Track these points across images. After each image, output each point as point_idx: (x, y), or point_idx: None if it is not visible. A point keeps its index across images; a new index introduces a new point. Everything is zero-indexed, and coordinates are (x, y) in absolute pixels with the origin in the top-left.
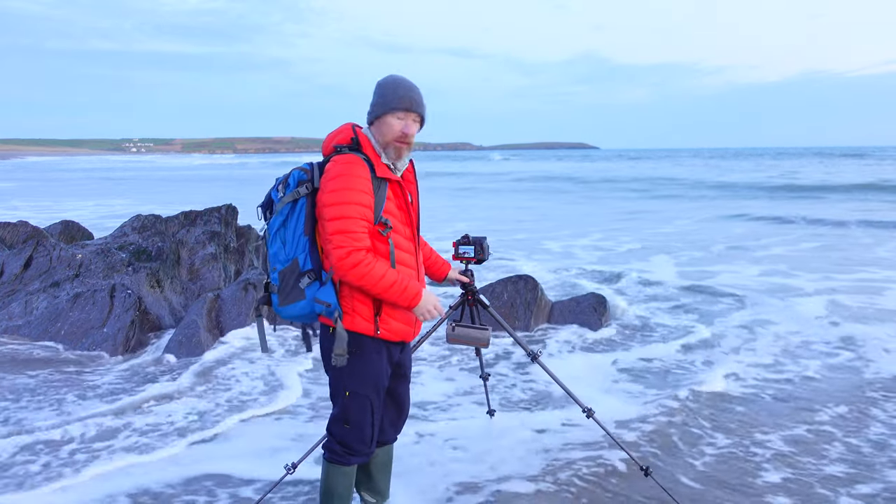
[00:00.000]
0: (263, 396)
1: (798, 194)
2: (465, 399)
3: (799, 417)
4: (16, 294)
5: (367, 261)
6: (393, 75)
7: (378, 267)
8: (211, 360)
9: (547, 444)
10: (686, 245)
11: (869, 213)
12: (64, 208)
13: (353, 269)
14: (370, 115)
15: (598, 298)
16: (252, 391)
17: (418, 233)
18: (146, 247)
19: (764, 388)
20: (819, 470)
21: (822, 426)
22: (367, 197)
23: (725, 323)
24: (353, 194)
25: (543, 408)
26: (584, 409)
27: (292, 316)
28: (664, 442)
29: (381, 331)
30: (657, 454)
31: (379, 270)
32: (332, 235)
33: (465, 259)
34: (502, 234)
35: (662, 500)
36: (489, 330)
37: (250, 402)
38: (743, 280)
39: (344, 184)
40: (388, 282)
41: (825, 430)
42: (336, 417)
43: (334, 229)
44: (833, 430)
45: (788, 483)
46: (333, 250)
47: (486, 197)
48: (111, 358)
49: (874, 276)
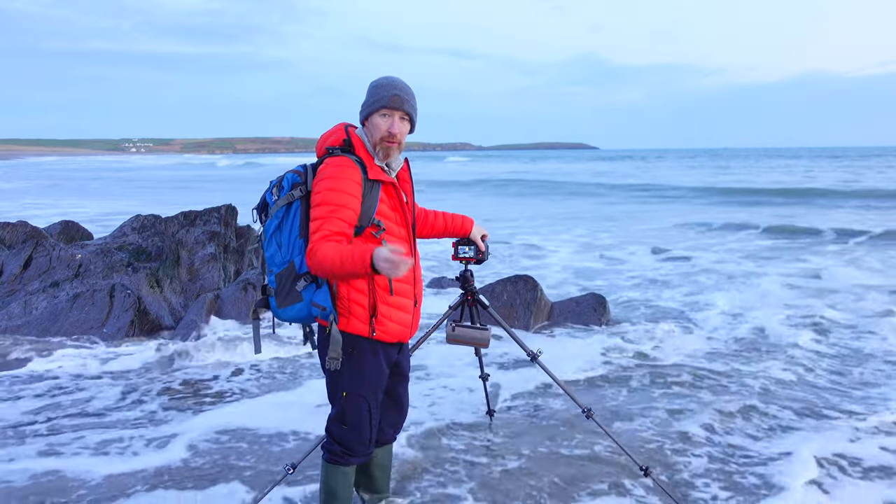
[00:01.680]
0: (263, 396)
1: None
2: (464, 399)
3: (804, 417)
4: (15, 294)
5: (316, 249)
6: (384, 76)
7: (325, 250)
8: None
9: (546, 444)
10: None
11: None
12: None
13: (311, 261)
14: (361, 116)
15: (598, 298)
16: (252, 391)
17: (414, 233)
18: (146, 247)
19: (764, 389)
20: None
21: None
22: (353, 199)
23: (725, 323)
24: (337, 195)
25: (543, 408)
26: (584, 409)
27: (290, 318)
28: (664, 442)
29: (376, 332)
30: (657, 454)
31: (328, 253)
32: (311, 235)
33: (464, 259)
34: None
35: (662, 499)
36: (489, 330)
37: (248, 400)
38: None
39: (331, 185)
40: (338, 259)
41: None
42: (334, 418)
43: (312, 229)
44: (844, 424)
45: (789, 482)
46: (308, 254)
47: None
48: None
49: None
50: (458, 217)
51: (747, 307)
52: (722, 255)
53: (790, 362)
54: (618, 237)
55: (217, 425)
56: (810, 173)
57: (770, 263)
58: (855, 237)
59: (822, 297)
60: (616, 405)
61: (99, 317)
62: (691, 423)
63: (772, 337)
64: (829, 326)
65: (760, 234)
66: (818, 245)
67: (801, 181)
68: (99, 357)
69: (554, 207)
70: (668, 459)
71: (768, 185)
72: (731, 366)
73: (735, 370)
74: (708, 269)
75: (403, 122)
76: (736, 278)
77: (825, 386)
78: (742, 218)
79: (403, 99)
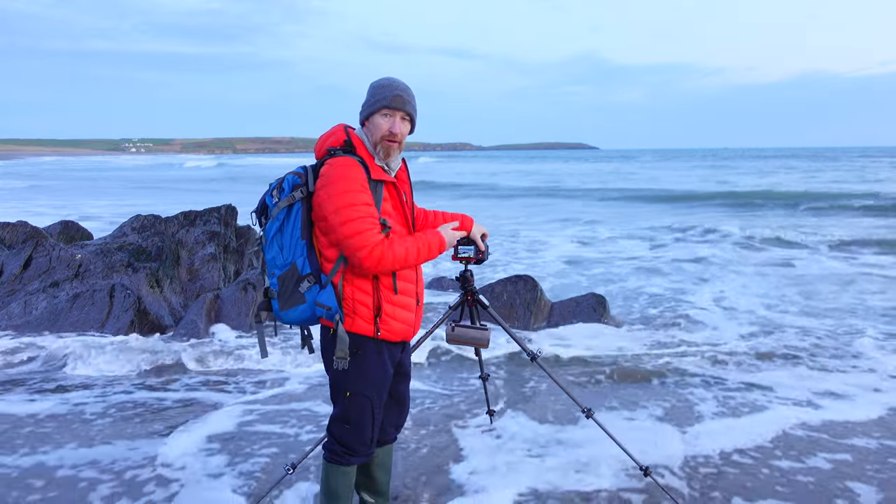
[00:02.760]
0: (262, 396)
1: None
2: (464, 399)
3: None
4: (15, 294)
5: (387, 250)
6: (385, 77)
7: (398, 247)
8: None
9: (546, 444)
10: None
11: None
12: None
13: (381, 263)
14: (361, 116)
15: (598, 298)
16: (252, 391)
17: (414, 231)
18: (146, 247)
19: (765, 391)
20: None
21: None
22: (368, 196)
23: (724, 324)
24: (356, 195)
25: (543, 408)
26: (584, 409)
27: (293, 320)
28: (664, 442)
29: (381, 332)
30: (657, 454)
31: (401, 250)
32: (349, 239)
33: (464, 259)
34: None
35: (662, 499)
36: (489, 330)
37: (248, 400)
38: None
39: (345, 186)
40: (414, 252)
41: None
42: (336, 418)
43: (349, 232)
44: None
45: (789, 481)
46: (356, 253)
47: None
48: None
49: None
50: (457, 216)
51: (746, 307)
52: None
53: (793, 363)
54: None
55: (217, 426)
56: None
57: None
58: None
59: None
60: (616, 405)
61: (99, 317)
62: (691, 423)
63: (773, 337)
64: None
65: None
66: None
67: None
68: (100, 363)
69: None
70: (668, 459)
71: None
72: (731, 366)
73: (735, 371)
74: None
75: (404, 122)
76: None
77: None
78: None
79: (405, 99)
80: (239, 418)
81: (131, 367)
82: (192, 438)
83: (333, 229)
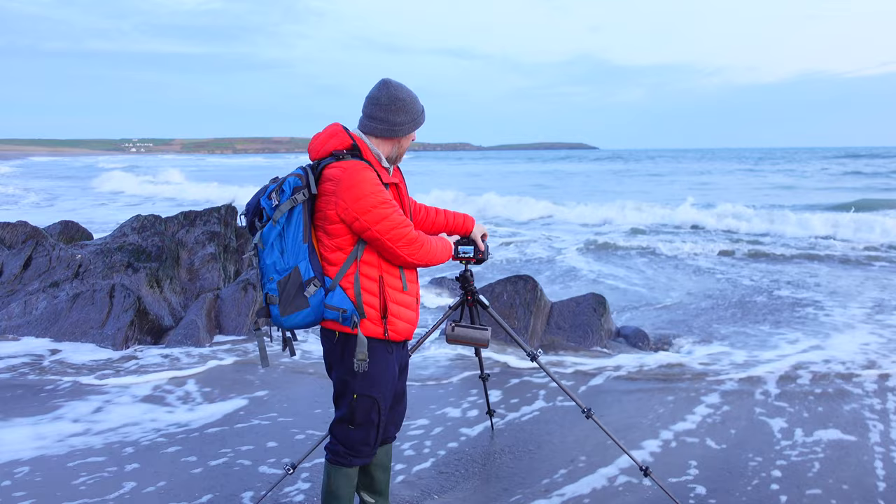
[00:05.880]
0: (262, 396)
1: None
2: (464, 399)
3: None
4: (15, 294)
5: (424, 242)
6: (402, 88)
7: (426, 242)
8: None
9: (547, 444)
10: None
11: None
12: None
13: (422, 254)
14: (401, 132)
15: (598, 298)
16: (252, 391)
17: None
18: (146, 247)
19: (765, 392)
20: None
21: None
22: (391, 195)
23: (723, 324)
24: (384, 194)
25: (543, 408)
26: (584, 409)
27: (295, 325)
28: (664, 442)
29: (389, 332)
30: (657, 454)
31: (429, 245)
32: (392, 231)
33: (464, 259)
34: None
35: (662, 499)
36: (489, 330)
37: (248, 400)
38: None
39: (371, 188)
40: (438, 250)
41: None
42: (340, 419)
43: (390, 226)
44: (853, 425)
45: (788, 481)
46: (409, 257)
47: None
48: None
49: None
50: (458, 215)
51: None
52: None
53: (795, 364)
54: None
55: (217, 426)
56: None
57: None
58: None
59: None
60: (616, 405)
61: (99, 317)
62: (692, 424)
63: (775, 335)
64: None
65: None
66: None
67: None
68: (101, 371)
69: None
70: (668, 459)
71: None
72: (731, 366)
73: (735, 370)
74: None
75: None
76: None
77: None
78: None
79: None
80: (238, 419)
81: (132, 382)
82: (191, 438)
83: (368, 227)
